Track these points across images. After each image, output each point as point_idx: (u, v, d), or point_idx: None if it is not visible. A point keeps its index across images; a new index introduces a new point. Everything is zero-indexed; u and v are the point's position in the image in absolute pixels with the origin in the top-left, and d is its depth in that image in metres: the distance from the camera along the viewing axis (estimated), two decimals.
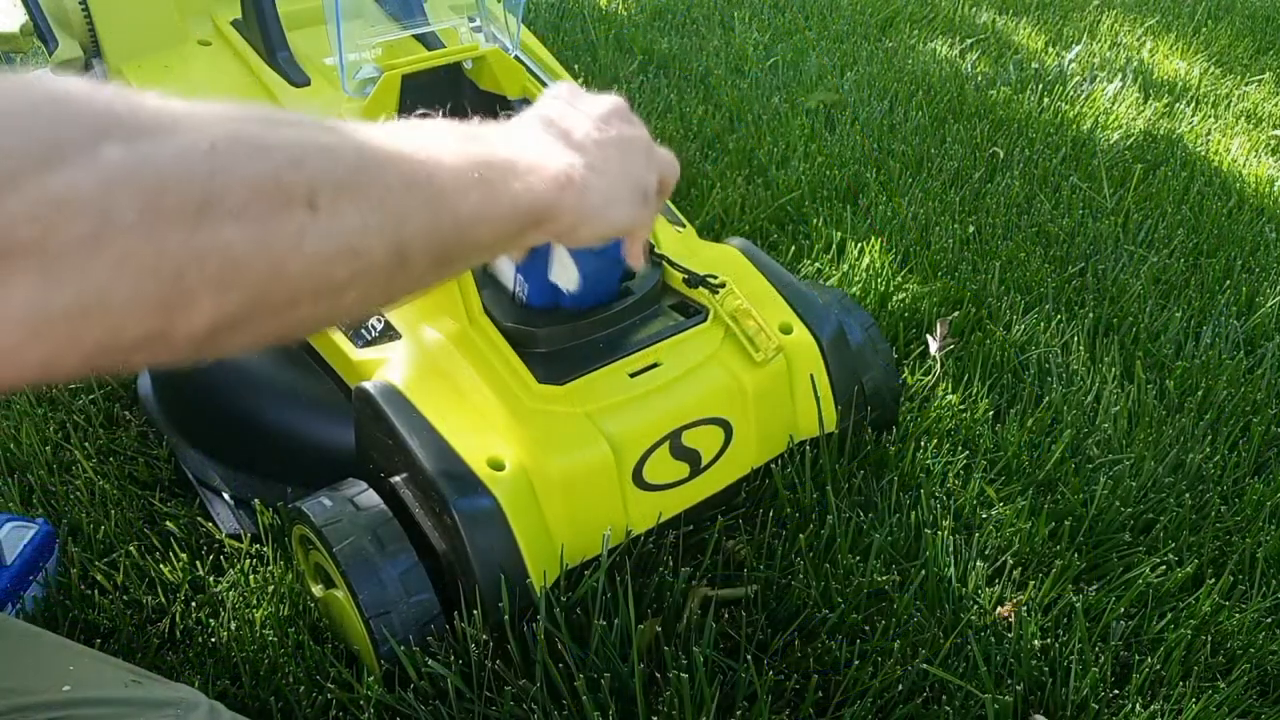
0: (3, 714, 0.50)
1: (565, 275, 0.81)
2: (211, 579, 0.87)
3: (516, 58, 0.98)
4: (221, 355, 0.36)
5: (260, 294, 0.35)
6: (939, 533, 0.87)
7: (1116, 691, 0.79)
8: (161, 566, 0.88)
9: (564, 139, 0.53)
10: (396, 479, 0.78)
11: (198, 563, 0.88)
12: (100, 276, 0.30)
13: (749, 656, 0.78)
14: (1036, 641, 0.81)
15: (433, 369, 0.80)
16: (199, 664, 0.80)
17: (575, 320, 0.84)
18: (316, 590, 0.82)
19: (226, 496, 0.94)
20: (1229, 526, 0.96)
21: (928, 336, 1.19)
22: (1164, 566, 0.90)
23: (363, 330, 0.86)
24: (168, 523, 0.92)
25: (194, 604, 0.85)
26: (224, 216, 0.33)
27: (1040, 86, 1.95)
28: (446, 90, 0.98)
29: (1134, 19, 2.45)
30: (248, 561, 0.88)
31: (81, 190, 0.29)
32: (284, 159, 0.35)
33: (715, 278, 0.89)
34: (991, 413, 1.08)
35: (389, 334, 0.85)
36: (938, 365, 1.14)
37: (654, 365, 0.83)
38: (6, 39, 1.12)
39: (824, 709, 0.77)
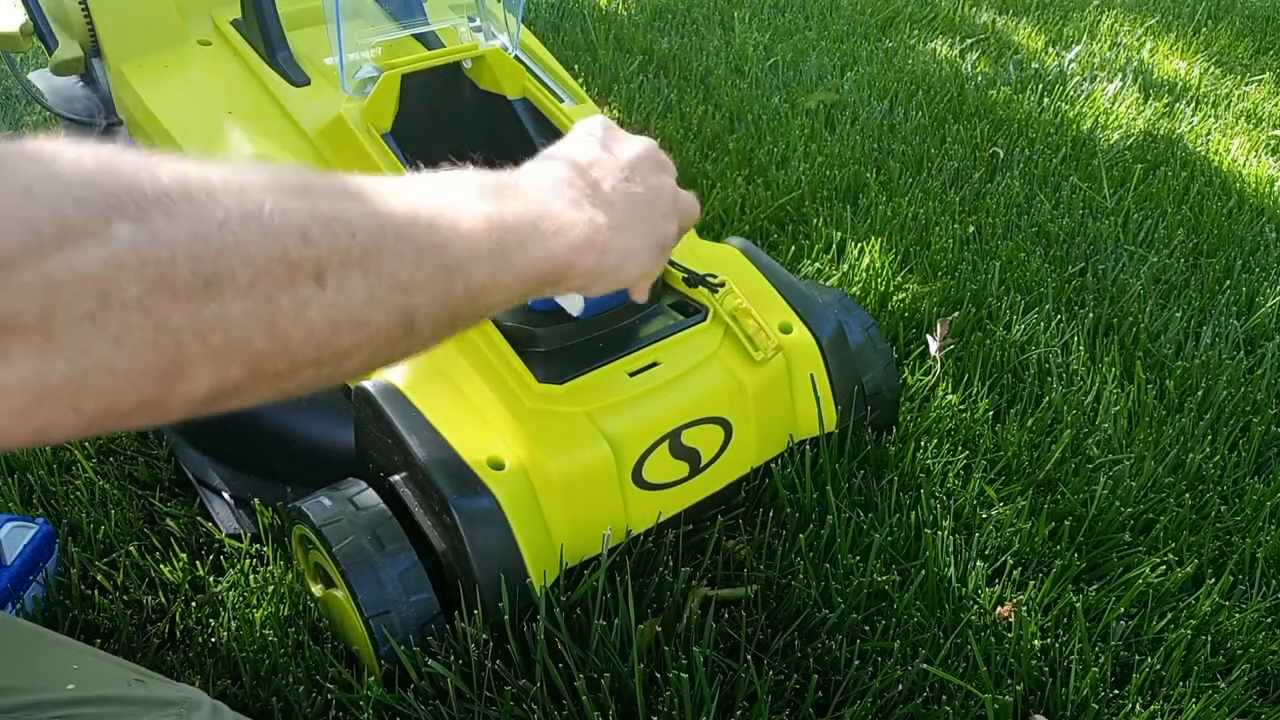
0: (7, 712, 0.50)
1: (569, 299, 0.81)
2: (211, 579, 0.87)
3: (516, 58, 0.98)
4: (219, 413, 0.36)
5: (261, 364, 0.35)
6: (939, 533, 0.87)
7: (1116, 691, 0.79)
8: (161, 566, 0.88)
9: (592, 192, 0.52)
10: (396, 478, 0.78)
11: (198, 563, 0.88)
12: (100, 350, 0.30)
13: (749, 656, 0.78)
14: (1036, 641, 0.81)
15: (432, 368, 0.80)
16: (199, 664, 0.80)
17: (575, 320, 0.84)
18: (316, 590, 0.82)
19: (226, 496, 0.94)
20: (1229, 526, 0.96)
21: (928, 336, 1.19)
22: (1164, 566, 0.90)
23: None
24: (168, 522, 0.92)
25: (194, 604, 0.85)
26: (229, 292, 0.33)
27: (1040, 86, 1.95)
28: (446, 90, 0.98)
29: (1134, 19, 2.45)
30: (248, 561, 0.88)
31: (87, 270, 0.29)
32: (294, 235, 0.35)
33: (715, 277, 0.89)
34: (991, 413, 1.08)
35: None
36: (938, 365, 1.14)
37: (653, 364, 0.83)
38: (6, 39, 1.12)
39: (824, 709, 0.77)
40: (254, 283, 0.33)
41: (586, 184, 0.52)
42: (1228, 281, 1.34)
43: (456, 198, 0.44)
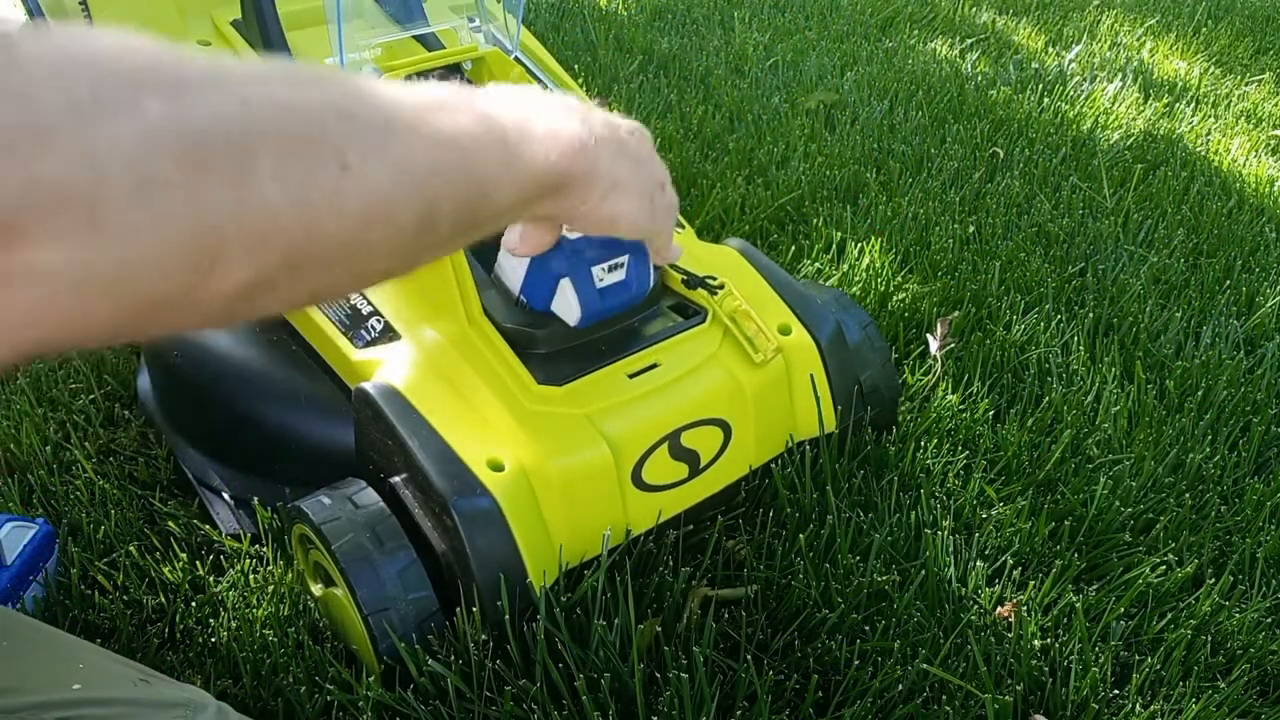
0: (13, 711, 0.50)
1: (567, 309, 0.81)
2: (211, 579, 0.87)
3: (516, 58, 0.98)
4: (249, 318, 0.36)
5: (294, 254, 0.35)
6: (939, 533, 0.87)
7: (1116, 691, 0.79)
8: (161, 567, 0.88)
9: (579, 114, 0.53)
10: (396, 479, 0.78)
11: (198, 563, 0.88)
12: (143, 232, 0.30)
13: (749, 656, 0.78)
14: (1036, 641, 0.81)
15: (432, 370, 0.80)
16: (199, 664, 0.80)
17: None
18: (316, 589, 0.82)
19: (226, 496, 0.94)
20: (1229, 526, 0.96)
21: (928, 336, 1.19)
22: (1164, 566, 0.90)
23: (362, 331, 0.86)
24: (168, 523, 0.92)
25: (194, 604, 0.85)
26: (261, 174, 0.32)
27: (1040, 86, 1.95)
28: None
29: (1134, 19, 2.45)
30: (248, 561, 0.88)
31: (126, 144, 0.29)
32: (311, 120, 0.35)
33: (714, 279, 0.89)
34: (991, 413, 1.08)
35: (388, 335, 0.85)
36: (938, 365, 1.14)
37: (653, 366, 0.83)
38: None
39: (824, 709, 0.77)
40: (281, 166, 0.33)
41: (573, 110, 0.53)
42: (1228, 281, 1.34)
43: (454, 97, 0.45)
